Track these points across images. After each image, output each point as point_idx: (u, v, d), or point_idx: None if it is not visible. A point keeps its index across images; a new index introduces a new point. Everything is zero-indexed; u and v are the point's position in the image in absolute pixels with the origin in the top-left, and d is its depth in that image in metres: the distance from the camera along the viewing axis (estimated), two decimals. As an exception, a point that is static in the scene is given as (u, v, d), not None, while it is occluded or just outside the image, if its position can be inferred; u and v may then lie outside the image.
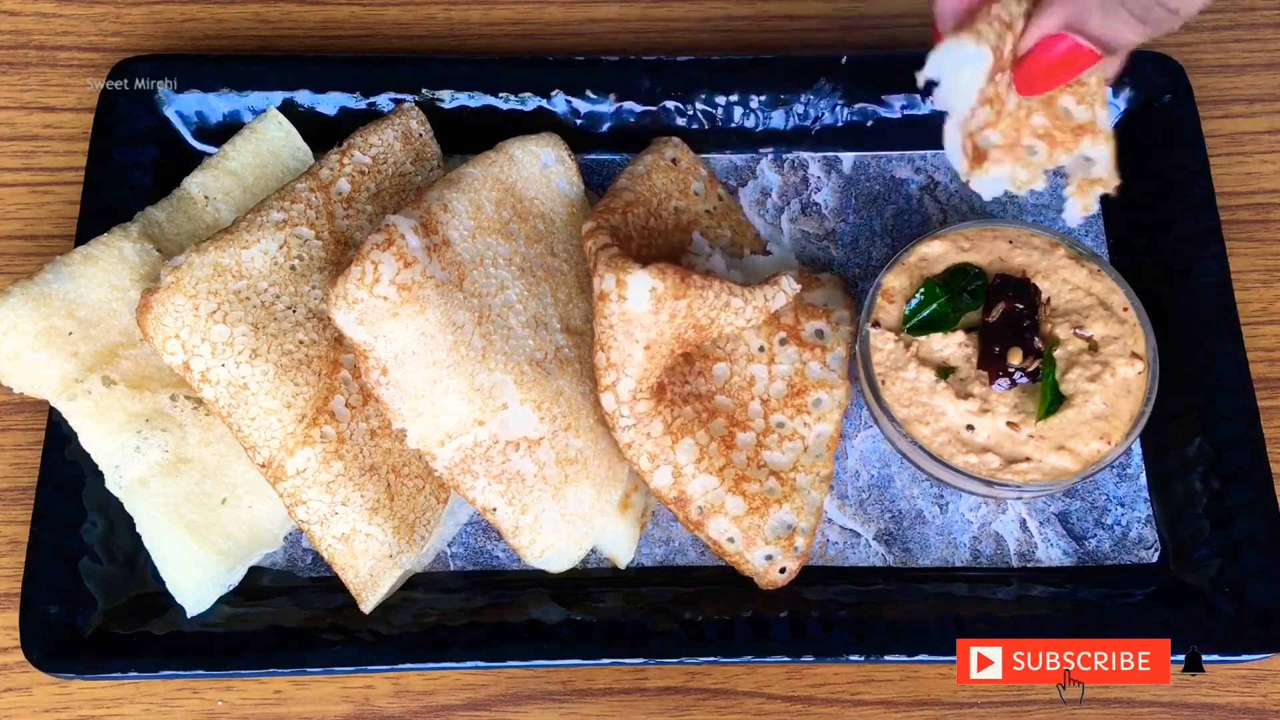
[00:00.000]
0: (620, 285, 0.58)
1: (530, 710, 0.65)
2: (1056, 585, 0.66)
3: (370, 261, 0.56)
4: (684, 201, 0.72)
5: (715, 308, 0.61)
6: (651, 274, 0.58)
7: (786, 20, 0.83)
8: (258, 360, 0.59)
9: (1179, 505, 0.67)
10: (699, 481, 0.62)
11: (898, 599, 0.64)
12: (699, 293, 0.60)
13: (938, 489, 0.68)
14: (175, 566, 0.61)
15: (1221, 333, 0.69)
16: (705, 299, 0.61)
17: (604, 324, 0.60)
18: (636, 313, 0.59)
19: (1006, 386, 0.63)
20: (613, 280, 0.59)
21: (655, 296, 0.58)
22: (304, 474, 0.59)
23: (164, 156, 0.73)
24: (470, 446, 0.59)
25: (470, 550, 0.67)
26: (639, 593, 0.65)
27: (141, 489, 0.61)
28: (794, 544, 0.64)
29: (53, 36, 0.81)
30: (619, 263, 0.59)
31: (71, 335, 0.62)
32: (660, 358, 0.61)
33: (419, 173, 0.69)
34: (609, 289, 0.59)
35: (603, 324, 0.60)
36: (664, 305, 0.59)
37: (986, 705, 0.65)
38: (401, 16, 0.82)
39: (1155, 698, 0.65)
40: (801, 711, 0.65)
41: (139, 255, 0.64)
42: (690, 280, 0.59)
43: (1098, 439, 0.62)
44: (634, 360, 0.60)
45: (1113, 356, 0.63)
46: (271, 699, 0.64)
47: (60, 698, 0.64)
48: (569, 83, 0.74)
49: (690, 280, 0.59)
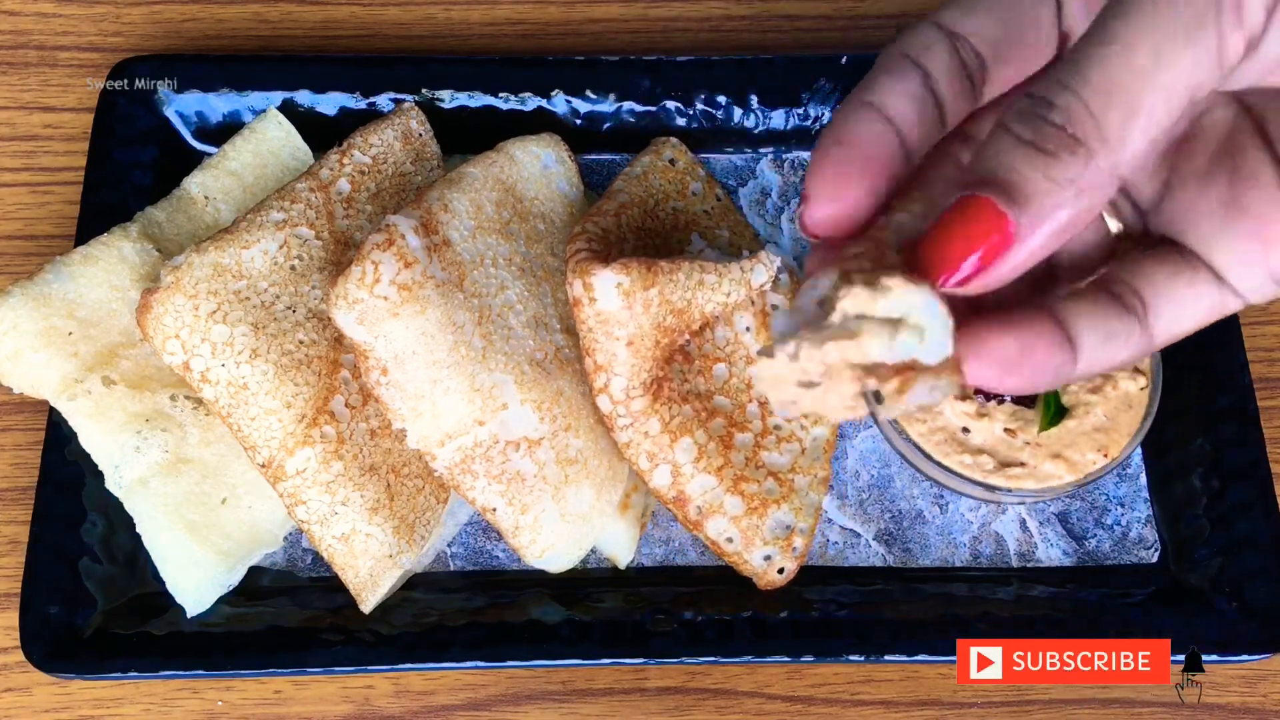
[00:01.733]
0: (588, 288, 0.59)
1: (530, 710, 0.65)
2: (1056, 585, 0.66)
3: (370, 261, 0.56)
4: (682, 202, 0.72)
5: (689, 288, 0.61)
6: (615, 270, 0.58)
7: (786, 20, 0.83)
8: (258, 360, 0.59)
9: (1179, 505, 0.67)
10: (698, 481, 0.62)
11: (898, 599, 0.64)
12: (668, 277, 0.60)
13: (937, 489, 0.68)
14: (175, 566, 0.61)
15: (1221, 333, 0.69)
16: (676, 281, 0.60)
17: (584, 329, 0.60)
18: (610, 311, 0.59)
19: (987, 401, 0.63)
20: (580, 284, 0.59)
21: (623, 291, 0.58)
22: (304, 474, 0.59)
23: (164, 156, 0.73)
24: (470, 446, 0.59)
25: (470, 550, 0.67)
26: (639, 593, 0.65)
27: (141, 489, 0.61)
28: (792, 544, 0.64)
29: (53, 36, 0.81)
30: (584, 266, 0.59)
31: (71, 335, 0.62)
32: (646, 350, 0.61)
33: (419, 173, 0.69)
34: (579, 294, 0.59)
35: (583, 329, 0.60)
36: (635, 298, 0.59)
37: (986, 705, 0.65)
38: (401, 16, 0.82)
39: (1155, 697, 0.65)
40: (801, 711, 0.65)
41: (139, 255, 0.64)
42: (657, 267, 0.59)
43: (1095, 450, 0.62)
44: (620, 358, 0.60)
45: (1115, 370, 0.63)
46: (271, 699, 0.64)
47: (60, 698, 0.64)
48: (569, 83, 0.74)
49: (657, 267, 0.59)
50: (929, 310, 0.34)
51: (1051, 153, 0.33)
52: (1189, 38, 0.33)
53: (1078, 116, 0.33)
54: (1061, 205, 0.34)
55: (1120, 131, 0.33)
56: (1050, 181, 0.34)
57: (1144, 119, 0.33)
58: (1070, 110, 0.33)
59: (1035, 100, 0.34)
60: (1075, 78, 0.33)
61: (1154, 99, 0.33)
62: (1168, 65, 0.33)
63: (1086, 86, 0.33)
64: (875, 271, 0.34)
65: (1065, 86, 0.33)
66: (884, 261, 0.36)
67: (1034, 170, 0.34)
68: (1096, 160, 0.33)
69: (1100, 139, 0.33)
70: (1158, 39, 0.32)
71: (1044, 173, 0.34)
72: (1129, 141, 0.33)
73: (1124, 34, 0.33)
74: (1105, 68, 0.33)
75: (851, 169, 0.38)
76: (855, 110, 0.39)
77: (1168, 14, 0.32)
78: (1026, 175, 0.34)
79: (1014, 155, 0.34)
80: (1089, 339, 0.38)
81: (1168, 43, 0.33)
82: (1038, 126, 0.34)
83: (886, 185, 0.38)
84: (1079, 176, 0.33)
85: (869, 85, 0.40)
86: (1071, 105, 0.33)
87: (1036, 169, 0.34)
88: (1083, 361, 0.38)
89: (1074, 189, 0.34)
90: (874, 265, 0.35)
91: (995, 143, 0.35)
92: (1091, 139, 0.33)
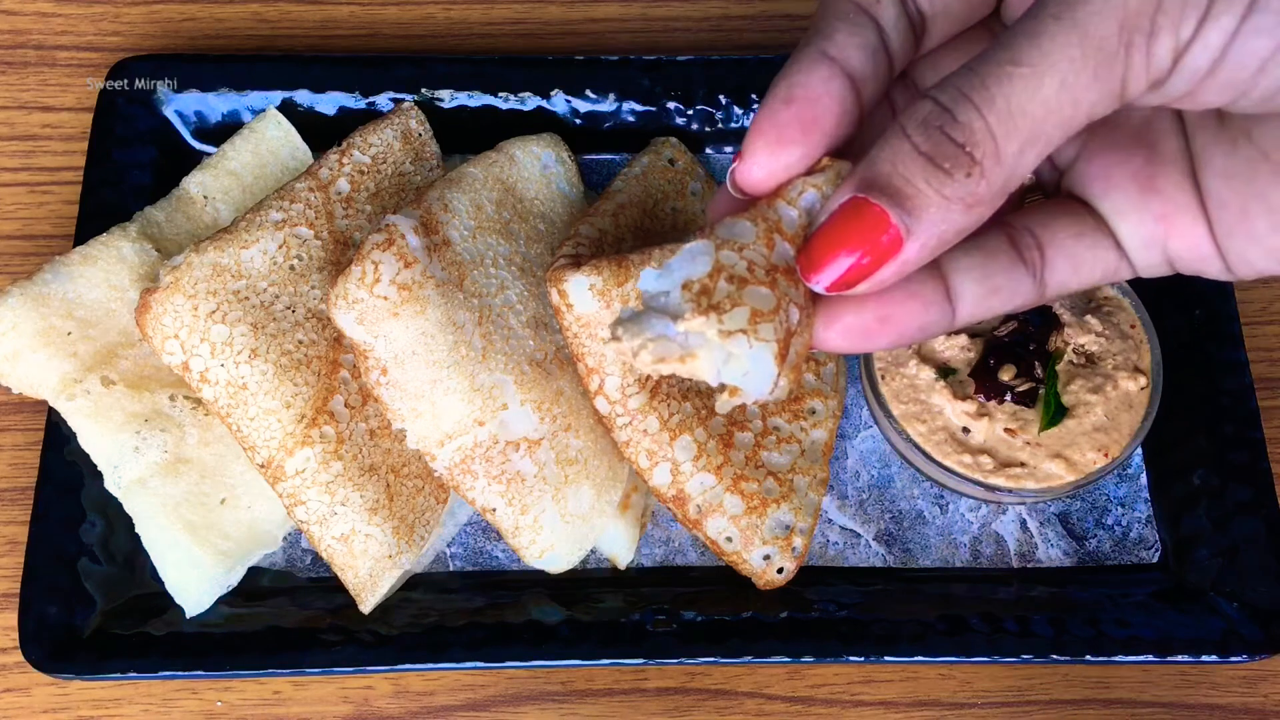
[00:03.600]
0: (563, 295, 0.59)
1: (530, 711, 0.65)
2: (1056, 585, 0.66)
3: (370, 261, 0.56)
4: (681, 202, 0.72)
5: None
6: (586, 273, 0.58)
7: (786, 20, 0.83)
8: (257, 360, 0.59)
9: (1179, 505, 0.67)
10: (697, 479, 0.62)
11: (898, 599, 0.64)
12: (639, 270, 0.60)
13: (937, 489, 0.68)
14: (174, 567, 0.61)
15: (1222, 333, 0.69)
16: None
17: (569, 335, 0.60)
18: (589, 313, 0.59)
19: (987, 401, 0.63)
20: (555, 293, 0.59)
21: (598, 292, 0.58)
22: (303, 474, 0.59)
23: (163, 156, 0.73)
24: (470, 447, 0.59)
25: (470, 550, 0.67)
26: (639, 593, 0.65)
27: (140, 489, 0.61)
28: (792, 544, 0.64)
29: (51, 36, 0.81)
30: (557, 274, 0.59)
31: (70, 335, 0.61)
32: None
33: (418, 172, 0.69)
34: (557, 302, 0.59)
35: (568, 336, 0.60)
36: (611, 295, 0.59)
37: (986, 705, 0.65)
38: (401, 16, 0.82)
39: (1155, 698, 0.65)
40: (801, 712, 0.65)
41: (138, 255, 0.64)
42: (627, 261, 0.59)
43: (1095, 450, 0.62)
44: (609, 357, 0.60)
45: (1116, 370, 0.63)
46: (271, 699, 0.64)
47: (59, 698, 0.64)
48: (569, 82, 0.74)
49: (627, 261, 0.59)
50: (758, 362, 0.35)
51: (948, 171, 0.34)
52: (1096, 74, 0.33)
53: (978, 137, 0.34)
54: (950, 220, 0.35)
55: (1016, 157, 0.34)
56: (942, 197, 0.34)
57: (1040, 145, 0.34)
58: (971, 128, 0.34)
59: (938, 109, 0.34)
60: (981, 95, 0.34)
61: (1053, 129, 0.34)
62: (1071, 100, 0.33)
63: (991, 108, 0.34)
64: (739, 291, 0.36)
65: (970, 102, 0.34)
66: (768, 262, 0.37)
67: (928, 184, 0.34)
68: (988, 179, 0.34)
69: (996, 161, 0.34)
70: (1066, 71, 0.33)
71: (937, 188, 0.34)
72: (1022, 165, 0.35)
73: (1034, 60, 0.33)
74: (1012, 93, 0.33)
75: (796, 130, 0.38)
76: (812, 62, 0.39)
77: (1078, 47, 0.33)
78: (920, 188, 0.34)
79: (910, 165, 0.35)
80: (972, 291, 0.39)
81: (1074, 76, 0.33)
82: (937, 140, 0.34)
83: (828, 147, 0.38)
84: (969, 195, 0.34)
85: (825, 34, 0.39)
86: (974, 124, 0.34)
87: (930, 184, 0.34)
88: (963, 314, 0.39)
89: (962, 205, 0.34)
90: (749, 270, 0.36)
91: (893, 147, 0.35)
92: (988, 160, 0.34)
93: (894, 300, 0.38)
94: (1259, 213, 0.38)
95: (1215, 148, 0.39)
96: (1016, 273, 0.40)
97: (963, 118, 0.34)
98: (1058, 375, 0.63)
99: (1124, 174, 0.41)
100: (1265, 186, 0.38)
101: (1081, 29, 0.33)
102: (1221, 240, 0.40)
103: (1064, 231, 0.41)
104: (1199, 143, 0.40)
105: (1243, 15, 0.32)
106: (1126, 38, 0.33)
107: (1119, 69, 0.33)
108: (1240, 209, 0.39)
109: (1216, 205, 0.39)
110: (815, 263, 0.36)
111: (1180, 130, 0.41)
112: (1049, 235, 0.41)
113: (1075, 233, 0.41)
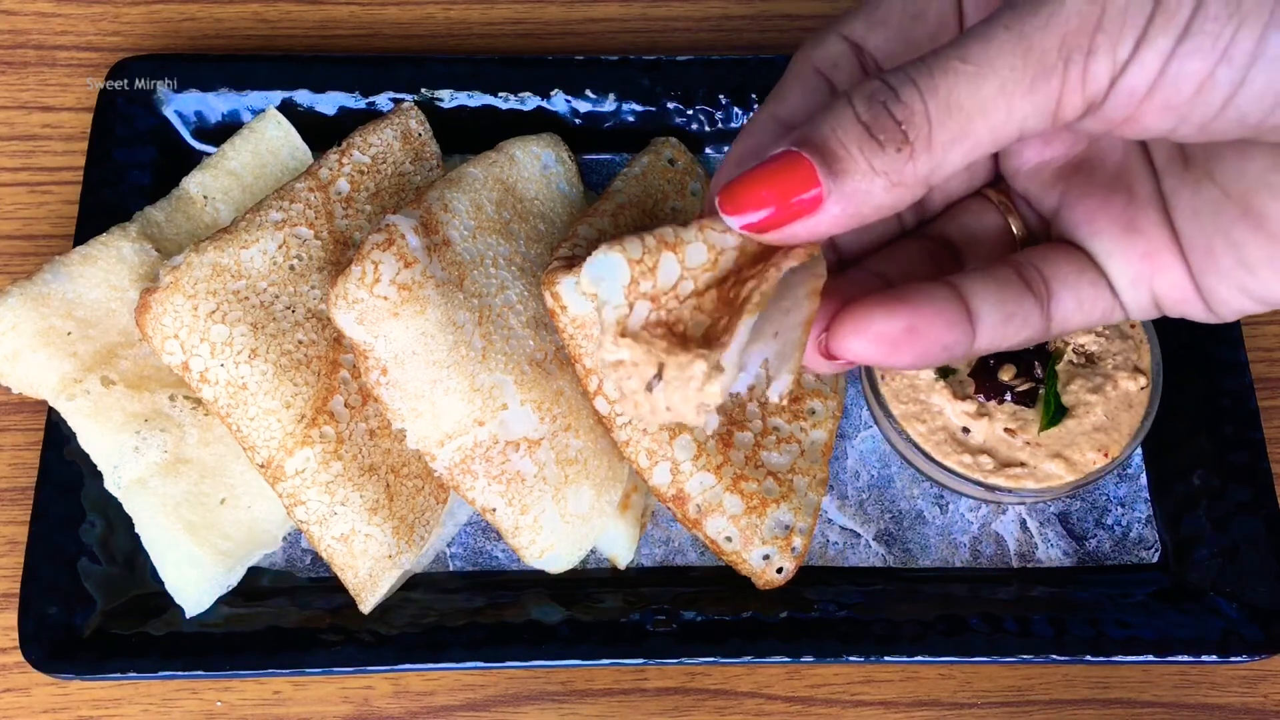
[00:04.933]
0: (556, 298, 0.59)
1: (530, 711, 0.65)
2: (1056, 585, 0.66)
3: (370, 261, 0.56)
4: (681, 202, 0.72)
5: None
6: (576, 274, 0.58)
7: (786, 20, 0.83)
8: (257, 360, 0.59)
9: (1179, 505, 0.67)
10: (697, 479, 0.62)
11: (898, 599, 0.64)
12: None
13: (937, 489, 0.68)
14: (174, 567, 0.61)
15: (1221, 332, 0.69)
16: None
17: (565, 337, 0.60)
18: (583, 314, 0.59)
19: (987, 401, 0.63)
20: (549, 296, 0.59)
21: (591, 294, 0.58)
22: (303, 474, 0.59)
23: (163, 156, 0.73)
24: (470, 447, 0.59)
25: (470, 550, 0.67)
26: (639, 593, 0.65)
27: (140, 489, 0.61)
28: (791, 544, 0.64)
29: (51, 36, 0.81)
30: (549, 278, 0.59)
31: (70, 335, 0.61)
32: None
33: (418, 172, 0.69)
34: (551, 305, 0.59)
35: (565, 337, 0.60)
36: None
37: (986, 705, 0.65)
38: (401, 16, 0.82)
39: (1155, 698, 0.65)
40: (801, 712, 0.65)
41: (138, 255, 0.64)
42: None
43: (1095, 450, 0.62)
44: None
45: (1116, 370, 0.63)
46: (271, 699, 0.64)
47: (59, 698, 0.64)
48: (569, 82, 0.74)
49: None
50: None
51: (880, 143, 0.35)
52: (1033, 86, 0.35)
53: (916, 119, 0.35)
54: (872, 192, 0.36)
55: (945, 148, 0.35)
56: (870, 168, 0.36)
57: (969, 144, 0.35)
58: (911, 109, 0.35)
59: (884, 87, 0.36)
60: (926, 82, 0.35)
61: (984, 132, 0.35)
62: (1006, 106, 0.35)
63: (933, 95, 0.35)
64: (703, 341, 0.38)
65: (915, 86, 0.35)
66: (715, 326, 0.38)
67: (860, 151, 0.36)
68: (915, 163, 0.35)
69: (926, 147, 0.35)
70: (1006, 78, 0.34)
71: (868, 157, 0.36)
72: (949, 159, 0.36)
73: (980, 60, 0.35)
74: (954, 85, 0.35)
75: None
76: (765, 125, 0.42)
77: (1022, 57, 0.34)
78: (851, 152, 0.36)
79: (848, 131, 0.36)
80: (990, 317, 0.41)
81: (1013, 85, 0.35)
82: (878, 113, 0.35)
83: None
84: (894, 171, 0.36)
85: (779, 97, 0.42)
86: (914, 105, 0.35)
87: (863, 151, 0.36)
88: (982, 339, 0.41)
89: (886, 180, 0.36)
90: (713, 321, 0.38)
91: (835, 112, 0.36)
92: (920, 142, 0.35)
93: (921, 312, 0.39)
94: (1223, 249, 0.40)
95: (1182, 189, 0.41)
96: (1027, 303, 0.42)
97: (905, 98, 0.35)
98: (1057, 375, 0.63)
99: (1107, 217, 0.43)
100: (1228, 224, 0.39)
101: (1026, 41, 0.34)
102: (1198, 279, 0.41)
103: (1067, 267, 0.43)
104: (1168, 184, 0.41)
105: (1178, 37, 0.33)
106: (1066, 54, 0.34)
107: (1055, 84, 0.35)
108: (1206, 248, 0.40)
109: (1189, 246, 0.41)
110: (738, 202, 0.37)
111: (1153, 173, 0.42)
112: (1053, 270, 0.42)
113: (1077, 269, 0.43)
